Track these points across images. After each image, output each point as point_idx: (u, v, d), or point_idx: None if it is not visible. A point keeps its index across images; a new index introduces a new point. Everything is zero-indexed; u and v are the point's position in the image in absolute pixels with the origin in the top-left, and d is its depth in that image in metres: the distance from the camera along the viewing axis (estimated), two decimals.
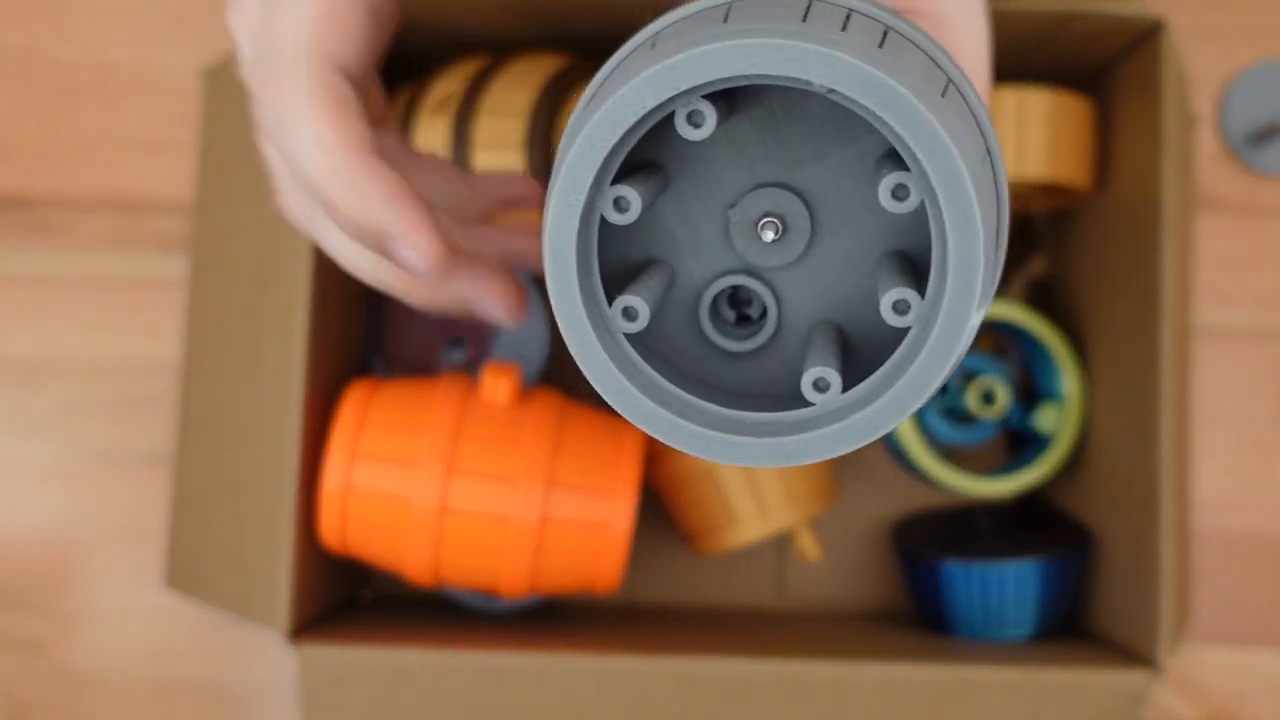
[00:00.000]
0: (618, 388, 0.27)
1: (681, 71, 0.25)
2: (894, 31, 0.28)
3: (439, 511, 0.55)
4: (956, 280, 0.25)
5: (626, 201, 0.27)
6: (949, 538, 0.63)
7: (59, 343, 0.67)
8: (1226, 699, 0.65)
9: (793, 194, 0.29)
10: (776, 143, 0.29)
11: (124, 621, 0.66)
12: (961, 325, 0.25)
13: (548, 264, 0.27)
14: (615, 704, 0.54)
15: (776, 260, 0.29)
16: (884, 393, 0.26)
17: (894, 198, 0.26)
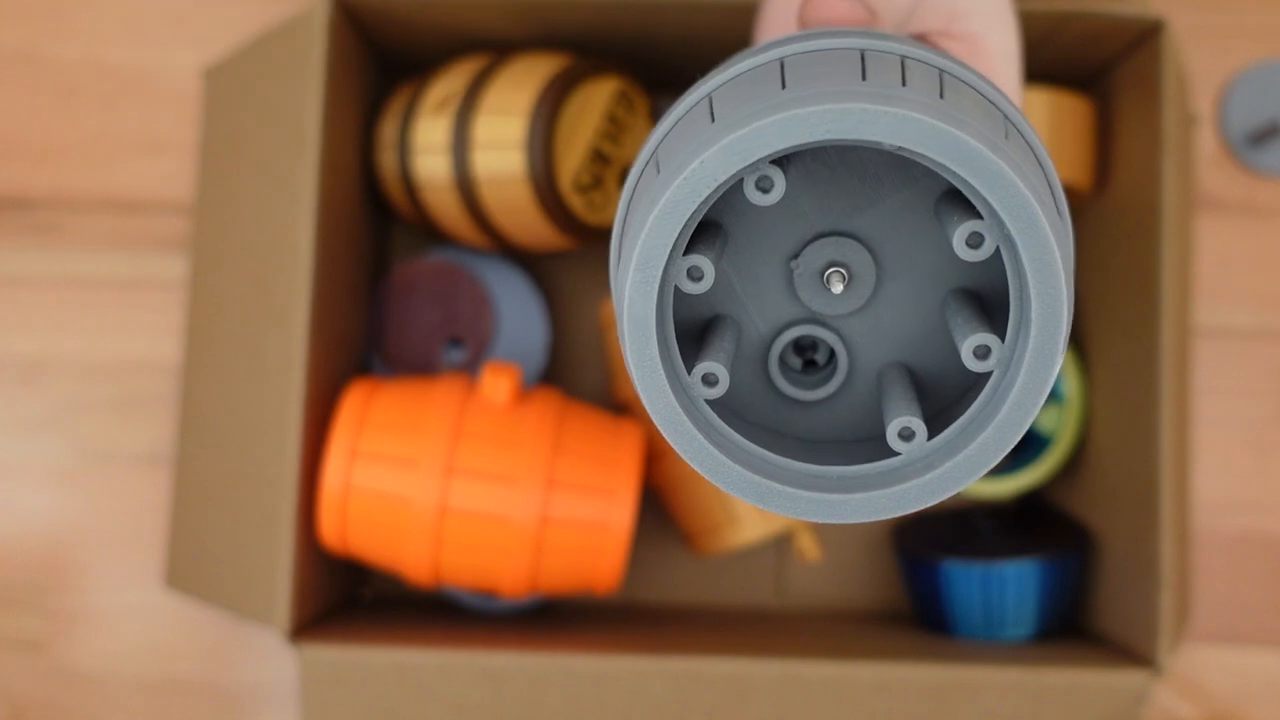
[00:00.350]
0: (705, 455, 0.27)
1: (752, 143, 0.25)
2: (948, 75, 0.28)
3: (439, 511, 0.55)
4: (1041, 328, 0.25)
5: (700, 270, 0.27)
6: (949, 538, 0.63)
7: (59, 343, 0.67)
8: (1226, 699, 0.65)
9: (854, 241, 0.29)
10: (834, 192, 0.29)
11: (124, 621, 0.66)
12: (1049, 371, 0.25)
13: (628, 339, 0.26)
14: (615, 704, 0.54)
15: (844, 308, 0.29)
16: (972, 440, 0.26)
17: (969, 246, 0.26)
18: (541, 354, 0.65)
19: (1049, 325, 0.25)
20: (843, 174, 0.29)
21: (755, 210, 0.29)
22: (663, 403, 0.27)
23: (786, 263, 0.30)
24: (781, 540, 0.67)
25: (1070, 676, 0.54)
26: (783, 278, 0.30)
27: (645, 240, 0.26)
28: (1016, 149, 0.27)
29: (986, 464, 0.26)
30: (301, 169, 0.57)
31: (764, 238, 0.30)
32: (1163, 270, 0.56)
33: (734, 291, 0.30)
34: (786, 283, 0.30)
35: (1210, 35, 0.68)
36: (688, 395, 0.28)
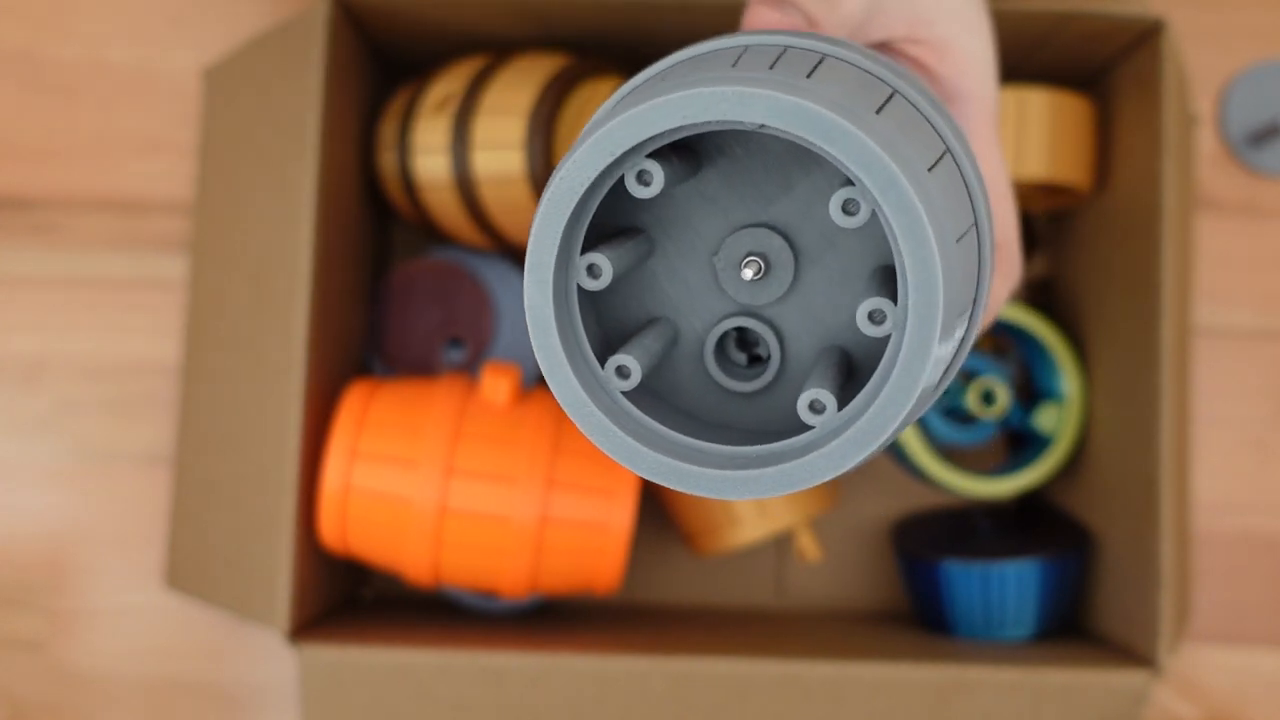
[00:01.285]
0: (617, 443, 0.28)
1: (615, 138, 0.26)
2: (832, 59, 0.29)
3: (439, 511, 0.55)
4: (917, 279, 0.25)
5: (599, 268, 0.28)
6: (949, 538, 0.63)
7: (59, 343, 0.67)
8: (1226, 699, 0.65)
9: (770, 230, 0.30)
10: (745, 186, 0.30)
11: (124, 621, 0.66)
12: (930, 330, 0.25)
13: (532, 335, 0.28)
14: (615, 704, 0.54)
15: (767, 296, 0.30)
16: (870, 406, 0.26)
17: (845, 213, 0.26)
18: None
19: (924, 274, 0.25)
20: (750, 168, 0.30)
21: (673, 214, 0.30)
22: (570, 393, 0.28)
23: (710, 260, 0.30)
24: (781, 540, 0.67)
25: (1070, 676, 0.54)
26: (709, 274, 0.30)
27: (533, 237, 0.27)
28: (894, 118, 0.27)
29: (885, 428, 0.26)
30: (301, 169, 0.57)
31: (686, 239, 0.30)
32: (1163, 270, 0.56)
33: (666, 294, 0.31)
34: (713, 278, 0.30)
35: (1210, 35, 0.68)
36: (603, 389, 0.29)
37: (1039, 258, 0.69)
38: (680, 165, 0.29)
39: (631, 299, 0.31)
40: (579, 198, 0.27)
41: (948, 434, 0.62)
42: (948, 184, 0.28)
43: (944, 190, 0.27)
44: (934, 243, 0.25)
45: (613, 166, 0.27)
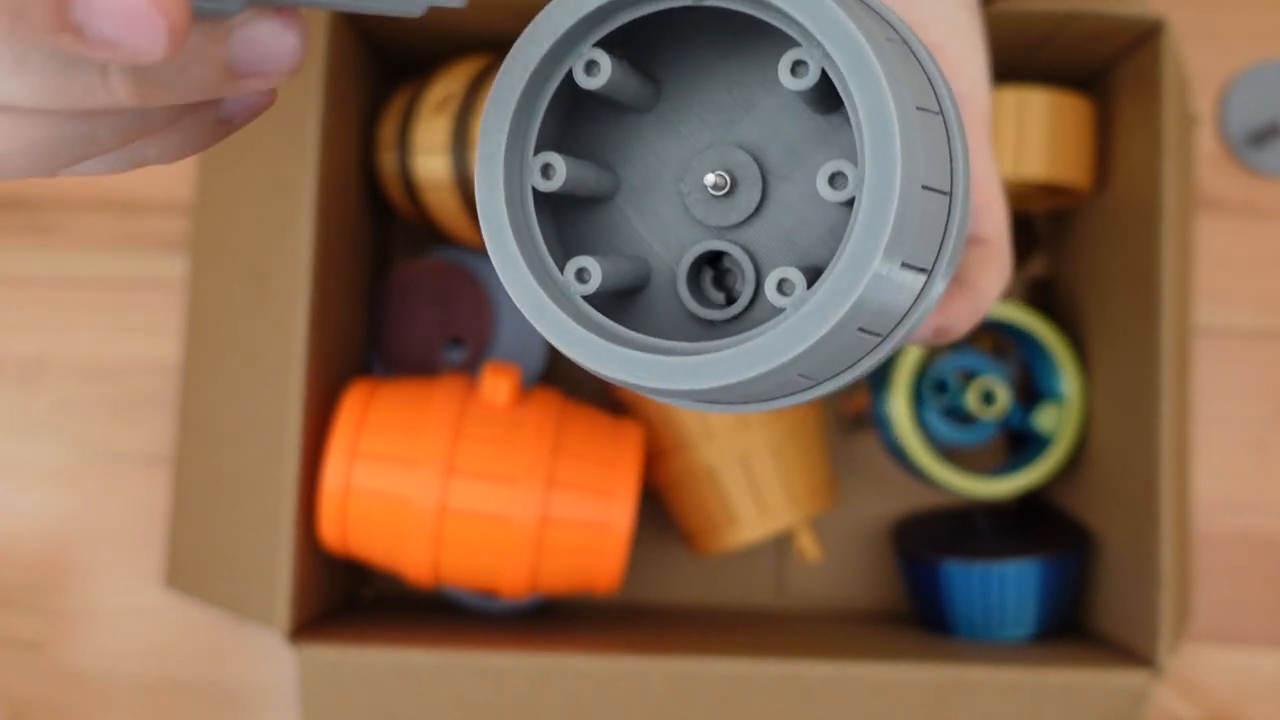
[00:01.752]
0: (576, 339, 0.27)
1: (555, 17, 0.26)
2: None
3: (439, 511, 0.55)
4: (872, 134, 0.25)
5: (553, 169, 0.27)
6: (949, 538, 0.63)
7: (59, 343, 0.67)
8: (1226, 699, 0.65)
9: (735, 147, 0.29)
10: (707, 109, 0.29)
11: (124, 621, 0.66)
12: (889, 188, 0.24)
13: (486, 237, 0.27)
14: (615, 704, 0.54)
15: (736, 215, 0.29)
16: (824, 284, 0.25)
17: (794, 75, 0.26)
18: (541, 354, 0.65)
19: (880, 128, 0.25)
20: (711, 88, 0.29)
21: (637, 144, 0.30)
22: (525, 290, 0.27)
23: (677, 187, 0.30)
24: (781, 540, 0.67)
25: (1070, 676, 0.54)
26: (677, 203, 0.30)
27: (481, 130, 0.27)
28: (900, 56, 0.27)
29: (839, 307, 0.25)
30: (301, 169, 0.57)
31: (652, 168, 0.30)
32: (1163, 270, 0.56)
33: (636, 233, 0.30)
34: (682, 207, 0.30)
35: (1210, 35, 0.68)
36: (561, 292, 0.28)
37: (1039, 258, 0.69)
38: (638, 84, 0.28)
39: (601, 240, 0.30)
40: (524, 83, 0.27)
41: (948, 434, 0.62)
42: (929, 128, 0.27)
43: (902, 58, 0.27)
44: (885, 85, 0.24)
45: (560, 55, 0.27)
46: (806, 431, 0.61)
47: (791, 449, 0.60)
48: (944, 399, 0.62)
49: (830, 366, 0.28)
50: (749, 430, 0.60)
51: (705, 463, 0.60)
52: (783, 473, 0.60)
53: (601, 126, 0.30)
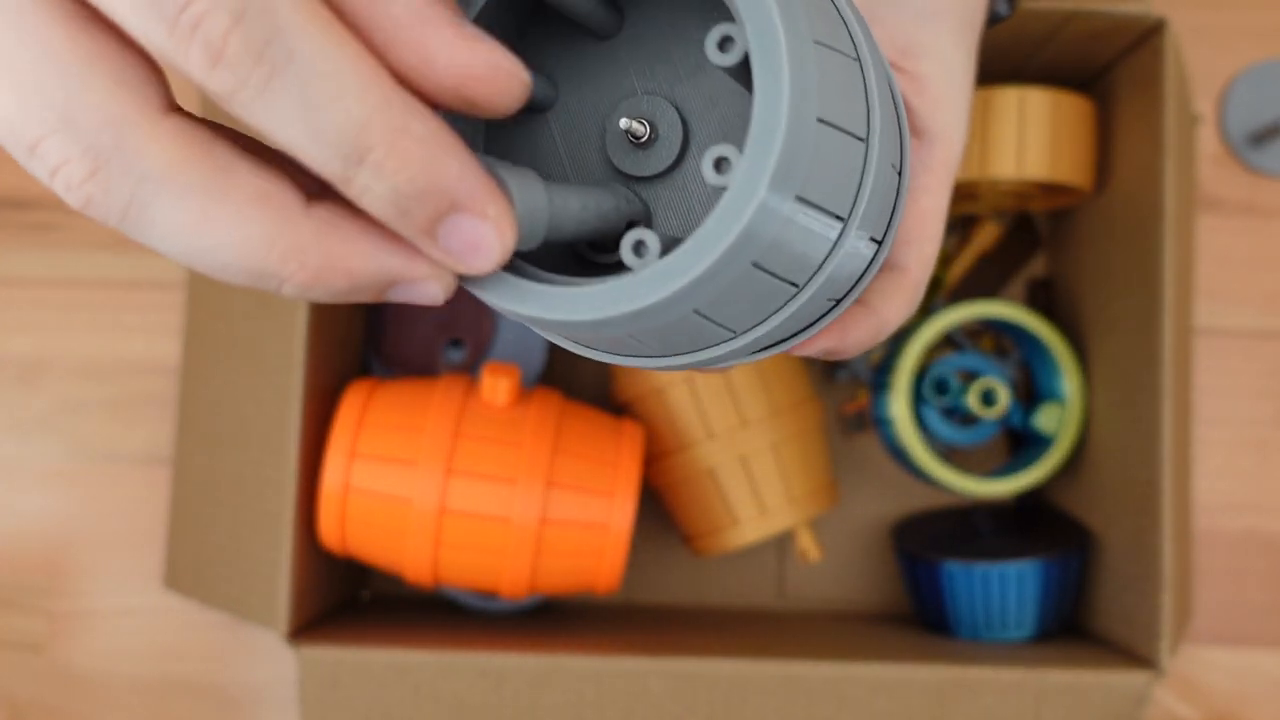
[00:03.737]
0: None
1: None
2: None
3: (439, 512, 0.55)
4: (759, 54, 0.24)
5: None
6: (949, 538, 0.63)
7: (59, 343, 0.67)
8: (1226, 699, 0.65)
9: (668, 104, 0.29)
10: (657, 58, 0.29)
11: (124, 621, 0.66)
12: (775, 111, 0.24)
13: None
14: (615, 704, 0.54)
15: (647, 169, 0.29)
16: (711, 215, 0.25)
17: (720, 50, 0.25)
18: (541, 354, 0.65)
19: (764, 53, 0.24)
20: (669, 37, 0.29)
21: (584, 67, 0.30)
22: None
23: (603, 123, 0.29)
24: (782, 540, 0.67)
25: (1070, 677, 0.54)
26: (599, 141, 0.30)
27: None
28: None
29: (724, 235, 0.24)
30: None
31: (589, 93, 0.30)
32: (1163, 270, 0.56)
33: (557, 152, 0.30)
34: (602, 146, 0.30)
35: (1210, 35, 0.68)
36: None
37: (1039, 258, 0.69)
38: (602, 8, 0.28)
39: (522, 151, 0.30)
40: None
41: (948, 434, 0.62)
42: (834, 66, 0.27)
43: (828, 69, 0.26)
44: (778, 20, 0.24)
45: None
46: (807, 432, 0.61)
47: (792, 449, 0.60)
48: (944, 399, 0.62)
49: (738, 312, 0.27)
50: (749, 431, 0.60)
51: (705, 463, 0.60)
52: (783, 473, 0.60)
53: (555, 39, 0.29)
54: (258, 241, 0.21)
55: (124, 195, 0.20)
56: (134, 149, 0.20)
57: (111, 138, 0.20)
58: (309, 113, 0.19)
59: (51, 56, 0.20)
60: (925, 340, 0.60)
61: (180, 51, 0.19)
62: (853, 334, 0.42)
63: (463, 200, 0.21)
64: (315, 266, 0.21)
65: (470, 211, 0.21)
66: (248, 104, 0.19)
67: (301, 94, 0.19)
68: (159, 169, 0.20)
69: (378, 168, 0.20)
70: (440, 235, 0.22)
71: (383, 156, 0.20)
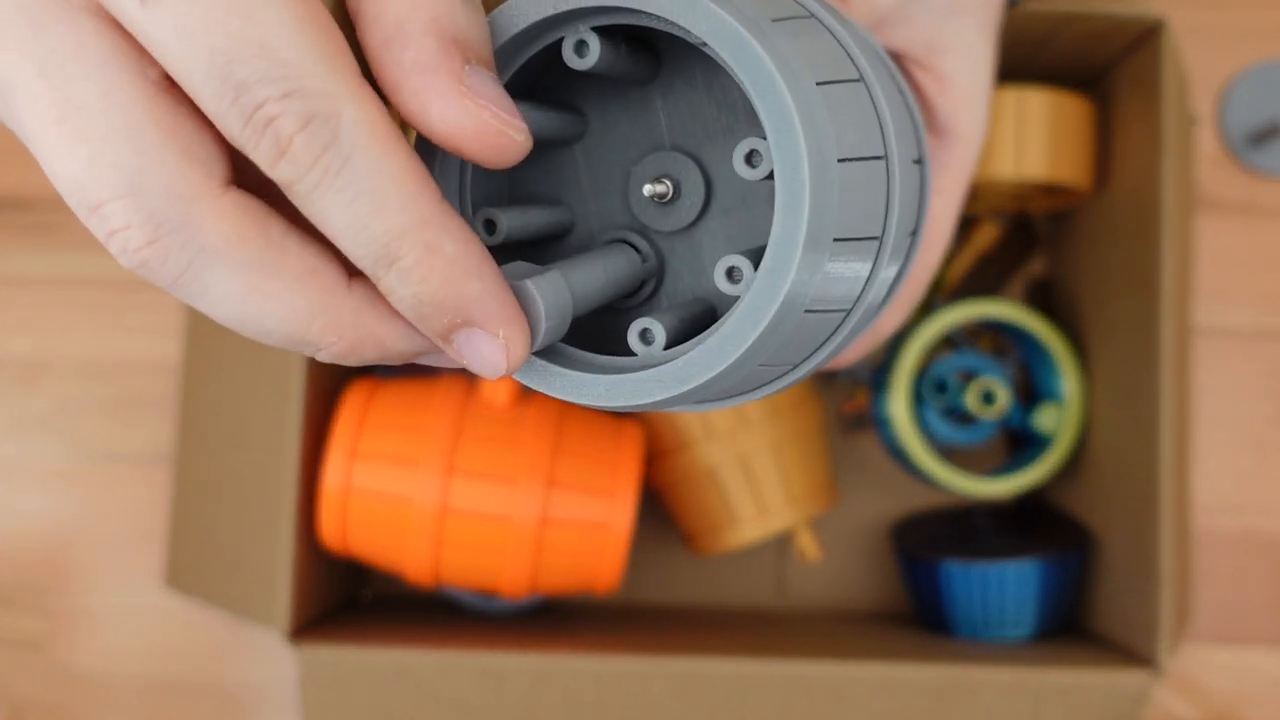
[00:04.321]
0: None
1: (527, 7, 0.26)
2: (816, 21, 0.28)
3: (439, 511, 0.55)
4: (769, 117, 0.24)
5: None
6: (949, 538, 0.63)
7: (59, 343, 0.67)
8: (1226, 699, 0.65)
9: (694, 163, 0.29)
10: (692, 115, 0.29)
11: (124, 621, 0.66)
12: (797, 168, 0.24)
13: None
14: (615, 704, 0.54)
15: (665, 224, 0.29)
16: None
17: (748, 164, 0.25)
18: None
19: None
20: (707, 101, 0.29)
21: (618, 108, 0.29)
22: None
23: (629, 169, 0.30)
24: (781, 540, 0.67)
25: (1070, 676, 0.54)
26: (622, 182, 0.30)
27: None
28: (796, 32, 0.26)
29: (769, 305, 0.24)
30: None
31: (618, 135, 0.30)
32: (1163, 270, 0.56)
33: (577, 182, 0.30)
34: (624, 188, 0.30)
35: (1210, 35, 0.68)
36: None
37: (1039, 258, 0.69)
38: (633, 62, 0.28)
39: (545, 174, 0.30)
40: (503, 42, 0.26)
41: (948, 434, 0.62)
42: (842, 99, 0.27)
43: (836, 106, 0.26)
44: (778, 77, 0.24)
45: (553, 27, 0.26)
46: (806, 432, 0.61)
47: (791, 449, 0.60)
48: (944, 399, 0.62)
49: (796, 351, 0.27)
50: (749, 431, 0.60)
51: (705, 463, 0.60)
52: (783, 473, 0.60)
53: (590, 76, 0.29)
54: (302, 314, 0.22)
55: (180, 265, 0.21)
56: (196, 224, 0.21)
57: (177, 211, 0.21)
58: (353, 215, 0.21)
59: (131, 125, 0.21)
60: (925, 340, 0.60)
61: (251, 142, 0.21)
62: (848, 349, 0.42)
63: (477, 319, 0.23)
64: (352, 340, 0.23)
65: (484, 329, 0.23)
66: (303, 195, 0.21)
67: (349, 198, 0.21)
68: (217, 244, 0.21)
69: (405, 274, 0.22)
70: (455, 342, 0.23)
71: (410, 266, 0.22)
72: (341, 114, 0.21)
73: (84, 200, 0.21)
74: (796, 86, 0.24)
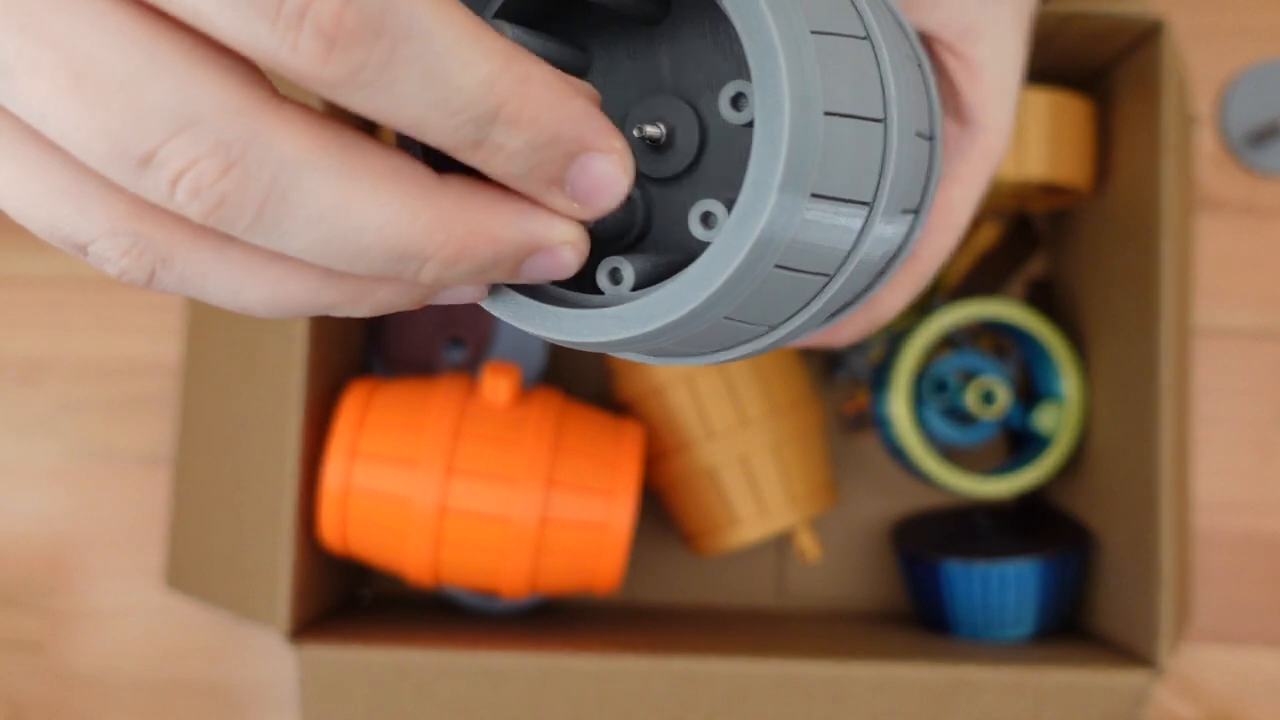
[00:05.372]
0: None
1: None
2: None
3: (439, 511, 0.55)
4: (754, 54, 0.23)
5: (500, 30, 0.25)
6: (949, 538, 0.63)
7: (59, 343, 0.67)
8: (1226, 699, 0.65)
9: (691, 110, 0.28)
10: (696, 60, 0.28)
11: (124, 621, 0.66)
12: (777, 110, 0.23)
13: None
14: (615, 704, 0.54)
15: (658, 171, 0.28)
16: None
17: (734, 107, 0.25)
18: (541, 354, 0.65)
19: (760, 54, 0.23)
20: (711, 47, 0.28)
21: (625, 44, 0.29)
22: None
23: (628, 107, 0.29)
24: (781, 540, 0.67)
25: (1070, 676, 0.54)
26: (620, 125, 0.29)
27: None
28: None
29: (740, 245, 0.23)
30: None
31: (621, 73, 0.29)
32: (1163, 270, 0.56)
33: None
34: (620, 126, 0.29)
35: (1210, 35, 0.68)
36: None
37: (1039, 258, 0.69)
38: (643, 2, 0.27)
39: None
40: None
41: (948, 434, 0.62)
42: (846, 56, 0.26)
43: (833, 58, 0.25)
44: (769, 18, 0.23)
45: None
46: (806, 432, 0.61)
47: (791, 449, 0.60)
48: (944, 399, 0.62)
49: (769, 310, 0.27)
50: (749, 431, 0.60)
51: (705, 463, 0.60)
52: (783, 473, 0.60)
53: (596, 12, 0.29)
54: (404, 216, 0.20)
55: (263, 187, 0.19)
56: (268, 136, 0.19)
57: (243, 128, 0.19)
58: (437, 83, 0.19)
59: (158, 60, 0.19)
60: (925, 340, 0.60)
61: (288, 44, 0.18)
62: (846, 326, 0.41)
63: (590, 139, 0.21)
64: (460, 236, 0.21)
65: (598, 149, 0.21)
66: (367, 86, 0.18)
67: (428, 65, 0.19)
68: (296, 153, 0.19)
69: (513, 121, 0.20)
70: (570, 180, 0.21)
71: (516, 110, 0.20)
72: None
73: (130, 155, 0.19)
74: (786, 26, 0.23)
